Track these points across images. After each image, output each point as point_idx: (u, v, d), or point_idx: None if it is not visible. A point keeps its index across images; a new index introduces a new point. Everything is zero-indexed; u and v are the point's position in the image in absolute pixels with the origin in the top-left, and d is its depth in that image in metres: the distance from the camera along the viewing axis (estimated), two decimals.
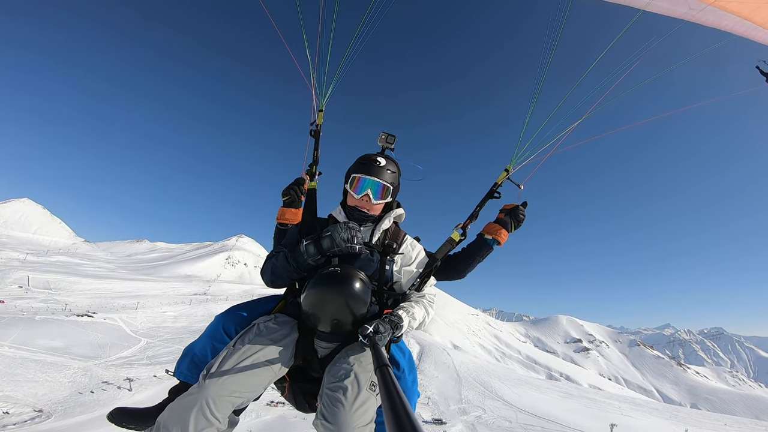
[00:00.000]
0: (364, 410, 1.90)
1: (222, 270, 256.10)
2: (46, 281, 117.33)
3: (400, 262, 2.50)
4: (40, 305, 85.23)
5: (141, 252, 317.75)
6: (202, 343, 2.35)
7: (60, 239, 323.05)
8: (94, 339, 63.23)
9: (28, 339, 54.44)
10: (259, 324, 2.22)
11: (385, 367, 1.36)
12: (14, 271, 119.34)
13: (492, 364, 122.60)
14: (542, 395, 76.51)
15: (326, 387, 2.02)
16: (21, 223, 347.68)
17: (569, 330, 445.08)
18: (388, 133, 2.80)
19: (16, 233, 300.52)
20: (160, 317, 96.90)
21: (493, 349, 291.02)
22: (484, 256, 2.81)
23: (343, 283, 2.12)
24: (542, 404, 67.70)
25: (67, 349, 55.27)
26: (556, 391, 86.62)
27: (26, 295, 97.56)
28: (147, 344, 68.86)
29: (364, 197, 2.46)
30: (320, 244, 2.26)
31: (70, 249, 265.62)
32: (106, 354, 58.00)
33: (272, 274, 2.38)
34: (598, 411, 50.35)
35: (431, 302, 2.50)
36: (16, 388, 39.19)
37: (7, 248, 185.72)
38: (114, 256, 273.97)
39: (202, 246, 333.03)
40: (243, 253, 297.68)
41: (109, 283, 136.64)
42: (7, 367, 43.10)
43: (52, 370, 45.54)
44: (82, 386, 43.42)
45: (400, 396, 1.10)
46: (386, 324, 2.04)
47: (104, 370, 50.08)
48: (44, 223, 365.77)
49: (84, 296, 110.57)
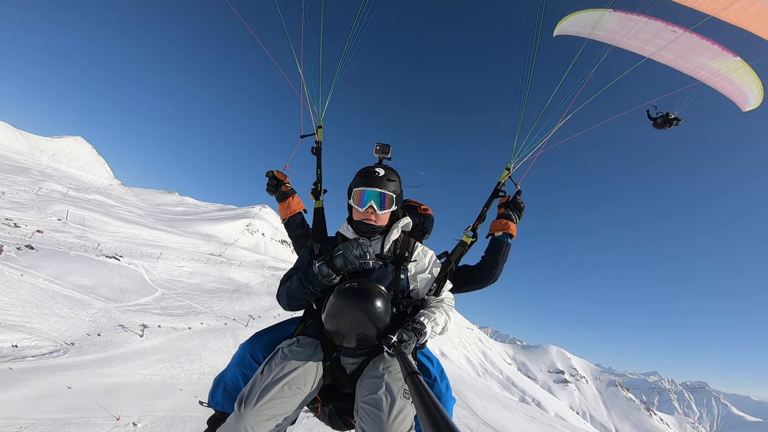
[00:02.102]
0: (402, 418, 1.90)
1: (240, 235, 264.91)
2: (83, 218, 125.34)
3: (414, 270, 2.53)
4: (75, 241, 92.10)
5: (170, 204, 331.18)
6: (232, 371, 2.40)
7: (99, 178, 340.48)
8: (117, 282, 68.83)
9: (62, 274, 59.97)
10: (282, 348, 2.26)
11: (415, 375, 1.35)
12: (56, 203, 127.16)
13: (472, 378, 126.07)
14: (508, 414, 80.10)
15: (360, 401, 2.04)
16: (69, 158, 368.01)
17: (555, 361, 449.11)
18: (382, 143, 2.78)
19: (62, 167, 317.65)
20: (177, 271, 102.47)
21: (478, 364, 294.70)
22: (505, 253, 2.84)
23: (363, 298, 2.13)
24: (505, 421, 71.48)
25: (93, 288, 60.89)
26: (522, 413, 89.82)
27: (63, 228, 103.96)
28: (162, 295, 74.21)
29: (368, 209, 2.48)
30: (333, 264, 2.30)
31: (106, 189, 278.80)
32: (126, 298, 63.56)
33: (288, 297, 2.43)
34: None
35: (451, 306, 2.52)
36: (43, 321, 43.36)
37: (52, 180, 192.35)
38: (144, 203, 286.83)
39: (225, 208, 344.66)
40: (263, 223, 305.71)
41: (137, 228, 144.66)
42: (38, 299, 47.51)
43: (77, 308, 50.26)
44: (100, 327, 47.85)
45: (434, 401, 1.09)
46: (409, 332, 2.07)
47: (122, 314, 55.52)
48: (89, 161, 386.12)
49: (113, 238, 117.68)
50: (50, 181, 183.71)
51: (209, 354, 48.85)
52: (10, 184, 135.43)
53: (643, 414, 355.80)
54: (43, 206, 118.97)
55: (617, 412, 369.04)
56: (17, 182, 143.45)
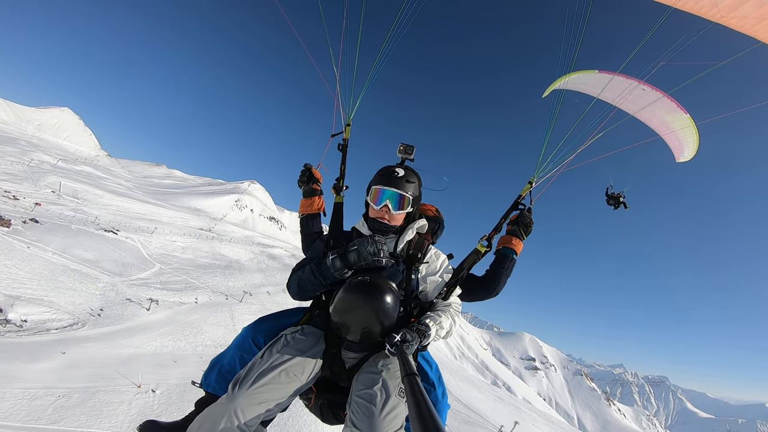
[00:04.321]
0: (393, 416, 1.91)
1: (229, 211, 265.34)
2: (75, 190, 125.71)
3: (425, 272, 2.55)
4: (71, 214, 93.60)
5: (157, 176, 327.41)
6: (231, 354, 2.41)
7: (86, 149, 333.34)
8: (118, 256, 71.57)
9: (67, 248, 62.30)
10: (286, 335, 2.27)
11: (412, 376, 1.35)
12: (47, 175, 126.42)
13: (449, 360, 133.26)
14: (479, 394, 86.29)
15: (355, 394, 2.04)
16: (55, 128, 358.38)
17: (528, 348, 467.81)
18: (406, 144, 2.78)
19: (47, 137, 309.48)
20: (171, 245, 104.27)
21: (455, 347, 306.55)
22: (509, 268, 2.87)
23: (374, 293, 2.13)
24: (475, 401, 77.22)
25: (97, 262, 63.72)
26: (492, 394, 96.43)
27: (59, 201, 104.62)
28: (160, 270, 77.15)
29: (383, 208, 2.49)
30: (346, 258, 2.32)
31: (93, 160, 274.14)
32: (128, 273, 66.49)
33: (299, 287, 2.44)
34: (516, 417, 60.40)
35: (458, 311, 2.52)
36: (58, 295, 46.16)
37: (39, 150, 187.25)
38: (132, 175, 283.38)
39: (214, 183, 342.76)
40: (252, 199, 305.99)
41: (128, 202, 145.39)
42: (51, 273, 50.08)
43: (87, 281, 53.12)
44: (110, 300, 50.98)
45: (428, 404, 1.08)
46: (413, 333, 2.07)
47: (127, 287, 58.70)
48: (76, 131, 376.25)
49: (106, 211, 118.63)
50: (38, 151, 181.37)
51: (210, 328, 52.67)
52: (1, 155, 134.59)
53: (603, 404, 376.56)
54: (36, 178, 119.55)
55: (580, 400, 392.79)
56: (6, 152, 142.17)
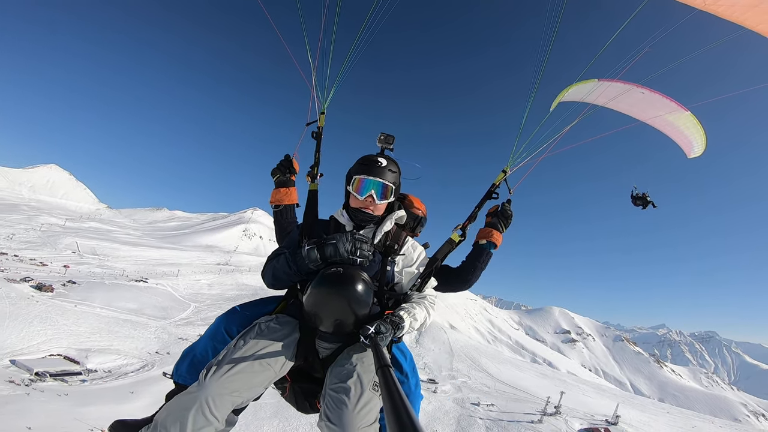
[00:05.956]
0: (367, 410, 1.92)
1: (240, 242, 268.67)
2: (92, 247, 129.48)
3: (401, 263, 2.53)
4: (99, 270, 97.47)
5: (161, 220, 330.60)
6: (203, 344, 2.37)
7: (85, 204, 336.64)
8: (156, 302, 75.24)
9: (111, 301, 66.13)
10: (260, 324, 2.24)
11: (386, 368, 1.34)
12: (61, 237, 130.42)
13: (483, 345, 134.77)
14: (521, 373, 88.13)
15: (329, 388, 2.03)
16: (48, 187, 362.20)
17: (560, 321, 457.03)
18: (386, 133, 2.75)
19: (45, 197, 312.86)
20: (197, 284, 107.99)
21: (486, 332, 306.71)
22: (485, 261, 2.86)
23: (346, 284, 2.13)
24: (518, 380, 79.43)
25: (140, 310, 67.39)
26: (534, 371, 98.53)
27: (82, 260, 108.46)
28: (195, 308, 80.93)
29: (367, 198, 2.45)
30: (323, 250, 2.28)
31: (95, 214, 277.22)
32: (170, 315, 70.24)
33: (273, 276, 2.42)
34: (563, 389, 62.06)
35: (432, 303, 2.49)
36: (120, 343, 49.78)
37: (44, 213, 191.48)
38: (137, 223, 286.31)
39: (217, 217, 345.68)
40: (258, 226, 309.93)
41: (144, 250, 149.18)
42: (106, 325, 53.71)
43: (139, 328, 56.60)
44: (165, 342, 54.07)
45: (401, 396, 1.08)
46: (387, 324, 2.05)
47: (175, 328, 62.03)
48: (70, 188, 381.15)
49: (127, 262, 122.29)
50: (43, 214, 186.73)
51: None
52: (11, 224, 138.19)
53: (654, 366, 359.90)
54: (52, 242, 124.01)
55: (628, 366, 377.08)
56: (14, 221, 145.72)
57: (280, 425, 37.80)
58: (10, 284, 57.71)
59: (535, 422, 49.04)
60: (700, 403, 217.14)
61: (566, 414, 52.88)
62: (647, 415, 68.26)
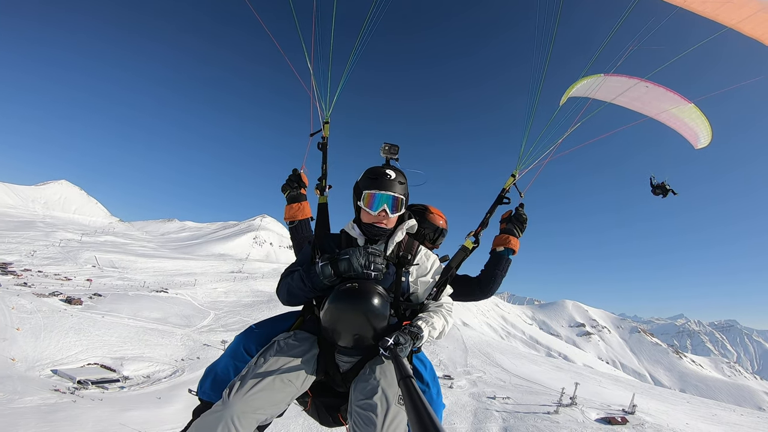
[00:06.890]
0: (396, 425, 1.93)
1: (251, 249, 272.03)
2: (111, 261, 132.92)
3: (415, 273, 2.51)
4: (120, 282, 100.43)
5: (173, 231, 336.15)
6: (224, 362, 2.38)
7: (97, 219, 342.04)
8: (178, 311, 77.75)
9: (137, 312, 68.79)
10: (279, 341, 2.26)
11: (408, 379, 1.34)
12: (80, 252, 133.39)
13: (496, 341, 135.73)
14: (536, 367, 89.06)
15: (355, 404, 2.05)
16: (61, 203, 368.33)
17: (574, 314, 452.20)
18: (390, 143, 2.70)
19: (58, 213, 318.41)
20: (214, 293, 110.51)
21: (499, 328, 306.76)
22: (505, 268, 2.85)
23: (362, 299, 2.14)
24: (533, 373, 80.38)
25: (165, 319, 69.89)
26: (550, 365, 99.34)
27: (103, 274, 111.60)
28: (215, 316, 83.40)
29: (381, 213, 2.41)
30: (336, 266, 2.27)
31: (109, 228, 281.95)
32: (193, 323, 72.70)
33: (288, 294, 2.41)
34: (579, 381, 62.43)
35: (449, 311, 2.49)
36: (151, 351, 52.10)
37: (59, 229, 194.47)
38: (150, 235, 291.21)
39: (227, 225, 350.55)
40: (268, 233, 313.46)
41: (160, 261, 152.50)
42: (136, 334, 56.12)
43: (166, 336, 58.92)
44: (192, 348, 56.40)
45: (426, 407, 1.08)
46: (406, 335, 2.05)
47: (199, 335, 64.47)
48: (81, 203, 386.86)
49: (146, 274, 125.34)
50: (59, 230, 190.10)
51: None
52: (30, 241, 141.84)
53: (673, 357, 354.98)
54: (72, 257, 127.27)
55: (647, 357, 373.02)
56: (33, 238, 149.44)
57: (305, 423, 39.44)
58: (40, 299, 60.38)
59: (551, 413, 49.94)
60: (723, 393, 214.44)
61: (582, 405, 53.72)
62: (666, 404, 68.79)
